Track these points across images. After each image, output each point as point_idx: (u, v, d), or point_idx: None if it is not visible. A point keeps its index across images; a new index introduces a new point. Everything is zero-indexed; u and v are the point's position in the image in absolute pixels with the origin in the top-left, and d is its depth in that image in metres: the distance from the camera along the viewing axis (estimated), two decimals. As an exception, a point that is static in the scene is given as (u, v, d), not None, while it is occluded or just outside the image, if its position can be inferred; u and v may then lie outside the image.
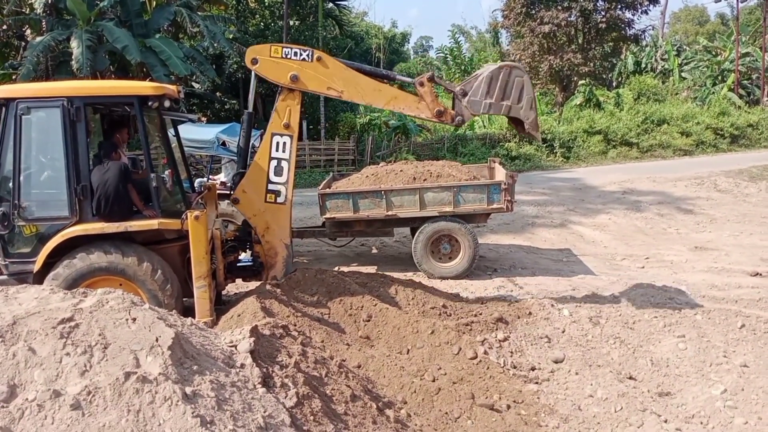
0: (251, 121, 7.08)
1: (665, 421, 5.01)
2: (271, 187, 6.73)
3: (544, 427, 5.05)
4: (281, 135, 6.71)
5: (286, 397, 3.91)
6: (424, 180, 9.79)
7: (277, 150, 6.71)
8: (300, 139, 23.35)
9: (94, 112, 6.99)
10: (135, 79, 15.28)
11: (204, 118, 22.55)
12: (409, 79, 6.72)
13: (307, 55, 6.52)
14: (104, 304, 3.70)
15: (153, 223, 6.14)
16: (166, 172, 6.27)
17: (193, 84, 24.20)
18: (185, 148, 8.25)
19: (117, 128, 6.89)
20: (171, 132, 7.38)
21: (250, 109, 7.11)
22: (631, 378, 5.87)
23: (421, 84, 6.54)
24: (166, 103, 6.20)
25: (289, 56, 6.52)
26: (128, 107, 6.63)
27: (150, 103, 6.12)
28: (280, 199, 6.76)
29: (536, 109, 6.44)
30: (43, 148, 6.33)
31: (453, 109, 6.66)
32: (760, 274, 9.44)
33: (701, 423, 5.11)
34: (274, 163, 6.72)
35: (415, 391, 5.28)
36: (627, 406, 5.28)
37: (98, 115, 7.19)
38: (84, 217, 6.07)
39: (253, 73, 6.73)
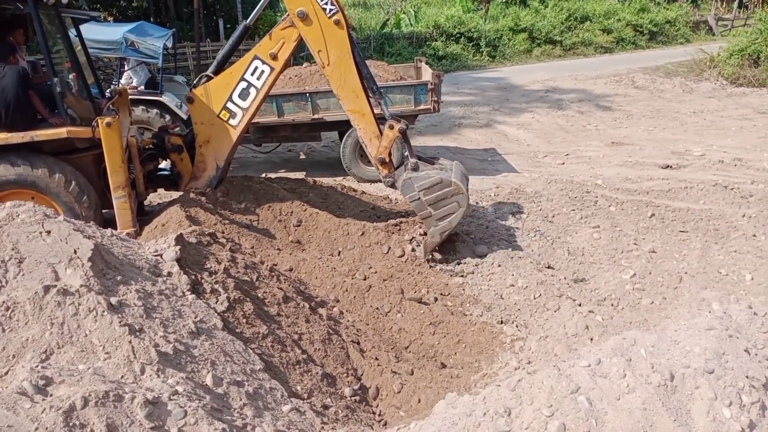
0: (244, 35, 6.47)
1: (579, 305, 5.39)
2: (229, 105, 6.28)
3: (469, 316, 5.33)
4: (263, 62, 6.15)
5: (217, 302, 3.93)
6: (350, 81, 9.55)
7: (252, 74, 6.18)
8: (217, 39, 22.11)
9: (-18, 11, 6.31)
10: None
11: (110, 17, 20.86)
12: (387, 113, 6.23)
13: (330, 8, 5.91)
14: (14, 218, 3.51)
15: (61, 132, 5.77)
16: (71, 76, 5.83)
17: (96, -21, 22.15)
18: (90, 50, 7.64)
19: (11, 29, 6.27)
20: (73, 32, 6.79)
21: (249, 22, 6.46)
22: (549, 267, 6.23)
23: (391, 127, 6.11)
24: (64, 0, 5.66)
25: None
26: (21, 4, 6.01)
27: (45, 0, 5.57)
28: (233, 121, 6.34)
29: (441, 239, 6.15)
30: (-72, 53, 5.73)
31: (395, 167, 6.34)
32: (671, 167, 10.00)
33: (612, 305, 5.53)
34: (243, 84, 6.22)
35: (346, 290, 5.42)
36: (545, 293, 5.63)
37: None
38: (-16, 127, 5.63)
39: None
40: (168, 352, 3.06)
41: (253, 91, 6.26)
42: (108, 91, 7.83)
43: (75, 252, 3.32)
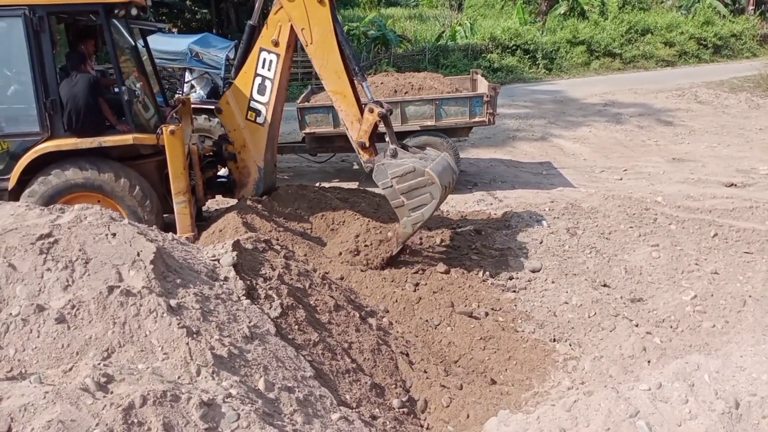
0: (252, 34, 6.65)
1: (636, 325, 5.22)
2: (252, 104, 6.44)
3: (521, 332, 5.24)
4: (269, 52, 6.28)
5: (270, 308, 3.99)
6: (405, 93, 9.59)
7: (262, 67, 6.32)
8: (276, 51, 22.56)
9: (58, 22, 6.65)
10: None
11: (174, 29, 21.63)
12: (369, 94, 6.09)
13: None
14: (82, 220, 3.66)
15: (127, 138, 6.00)
16: (138, 85, 6.06)
17: (162, -8, 23.05)
18: (156, 60, 7.93)
19: (83, 39, 6.61)
20: (140, 43, 7.08)
21: (254, 21, 6.64)
22: (605, 285, 6.06)
23: (371, 111, 5.97)
24: (134, 12, 5.92)
25: None
26: (94, 16, 6.31)
27: (116, 12, 5.84)
28: (259, 119, 6.49)
29: (413, 233, 5.99)
30: (8, 61, 6.07)
31: (375, 153, 6.17)
32: (735, 185, 9.61)
33: (671, 327, 5.34)
34: (258, 80, 6.37)
35: (396, 301, 5.41)
36: (600, 312, 5.48)
37: (63, 26, 6.85)
38: (56, 132, 5.91)
39: None
40: (223, 355, 3.12)
41: (268, 83, 6.37)
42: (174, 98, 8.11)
43: (138, 254, 3.44)
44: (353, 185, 9.64)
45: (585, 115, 15.81)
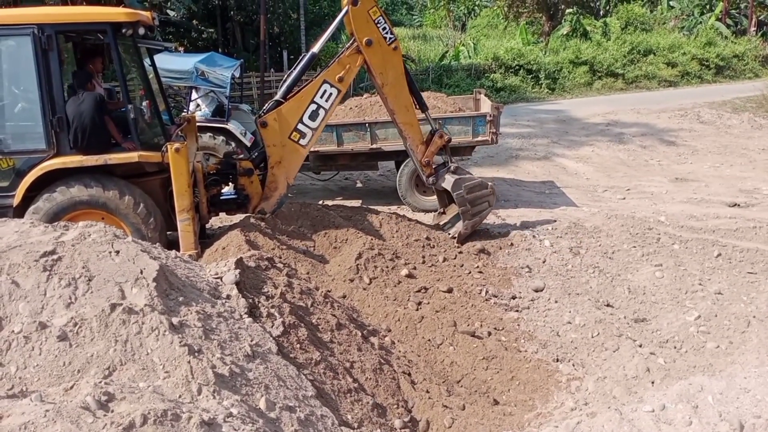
0: (311, 62, 7.01)
1: (640, 346, 5.19)
2: (300, 126, 6.78)
3: (524, 352, 5.21)
4: (331, 85, 6.78)
5: (272, 327, 3.99)
6: (409, 112, 9.65)
7: (321, 97, 6.77)
8: (281, 69, 22.79)
9: (66, 41, 6.73)
10: (107, 6, 14.60)
11: (181, 48, 21.85)
12: (433, 124, 7.37)
13: (390, 38, 6.80)
14: (86, 237, 3.68)
15: (133, 156, 6.04)
16: (144, 103, 6.11)
17: (168, 11, 23.29)
18: (162, 79, 8.01)
19: (91, 57, 6.67)
20: (147, 62, 7.15)
21: (316, 50, 7.05)
22: (608, 305, 6.04)
23: (441, 136, 7.26)
24: (141, 31, 5.98)
25: (379, 24, 6.73)
26: (101, 35, 6.39)
27: (124, 31, 5.90)
28: (302, 141, 6.84)
29: (471, 230, 7.35)
30: (15, 79, 6.12)
31: (436, 169, 7.40)
32: (738, 205, 9.60)
33: (675, 347, 5.30)
34: (313, 106, 6.76)
35: (399, 320, 5.40)
36: (603, 332, 5.45)
37: (70, 44, 6.93)
38: (61, 150, 5.95)
39: (341, 15, 6.74)
40: (224, 374, 3.12)
41: (321, 112, 6.81)
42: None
43: (141, 272, 3.45)
44: (356, 203, 9.67)
45: (588, 134, 15.86)
